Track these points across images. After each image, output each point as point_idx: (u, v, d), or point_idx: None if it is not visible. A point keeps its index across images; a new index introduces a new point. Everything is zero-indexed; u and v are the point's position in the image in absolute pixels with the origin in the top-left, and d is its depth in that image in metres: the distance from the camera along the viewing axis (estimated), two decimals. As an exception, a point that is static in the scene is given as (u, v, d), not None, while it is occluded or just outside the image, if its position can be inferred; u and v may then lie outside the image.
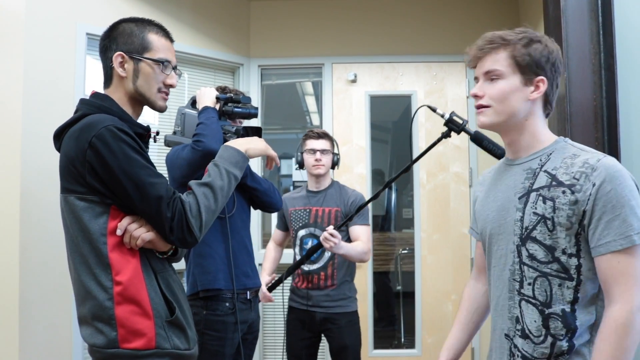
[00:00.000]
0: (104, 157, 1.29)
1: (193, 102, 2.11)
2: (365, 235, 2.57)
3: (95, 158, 1.29)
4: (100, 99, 1.43)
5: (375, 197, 1.98)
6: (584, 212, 1.21)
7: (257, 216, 3.55)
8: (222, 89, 2.28)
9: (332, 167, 2.69)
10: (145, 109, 1.52)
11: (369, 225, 2.65)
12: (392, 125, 4.55)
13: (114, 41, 1.44)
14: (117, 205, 1.34)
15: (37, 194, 2.50)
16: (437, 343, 3.52)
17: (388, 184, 1.92)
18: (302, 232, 2.65)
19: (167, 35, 1.51)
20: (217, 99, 2.07)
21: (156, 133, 1.57)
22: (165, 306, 1.37)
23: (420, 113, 3.49)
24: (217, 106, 2.06)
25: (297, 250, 2.67)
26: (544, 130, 1.35)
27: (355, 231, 2.58)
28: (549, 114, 1.36)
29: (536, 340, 1.27)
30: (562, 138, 1.34)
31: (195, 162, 1.98)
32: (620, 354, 1.15)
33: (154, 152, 3.04)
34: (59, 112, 2.55)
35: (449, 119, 1.67)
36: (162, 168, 1.87)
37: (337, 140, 2.94)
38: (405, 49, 3.64)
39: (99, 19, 2.79)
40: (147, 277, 1.36)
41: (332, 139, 2.70)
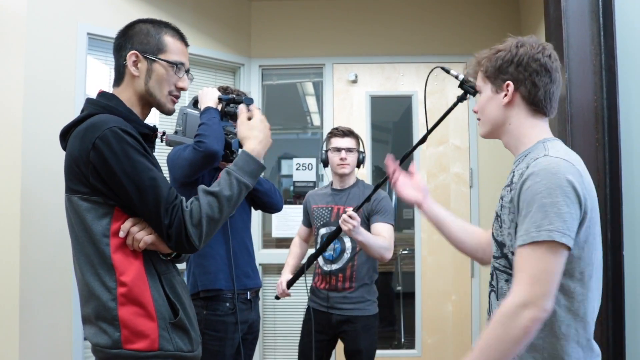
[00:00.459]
0: (106, 159, 1.28)
1: (195, 102, 2.11)
2: (387, 232, 2.44)
3: (98, 159, 1.29)
4: (107, 98, 1.43)
5: (387, 179, 1.79)
6: (517, 209, 1.24)
7: (257, 217, 3.55)
8: (224, 90, 2.28)
9: (358, 165, 2.60)
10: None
11: (392, 225, 2.50)
12: (392, 125, 4.54)
13: (130, 40, 1.44)
14: (120, 207, 1.34)
15: (37, 194, 2.50)
16: (437, 343, 3.53)
17: (404, 159, 1.81)
18: (323, 230, 2.59)
19: (183, 39, 1.50)
20: (219, 100, 2.07)
21: (162, 133, 1.56)
22: (169, 308, 1.37)
23: (420, 114, 3.48)
24: (219, 107, 2.06)
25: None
26: (529, 132, 1.34)
27: (377, 228, 2.46)
28: (548, 113, 1.35)
29: None
30: (545, 139, 1.32)
31: (196, 163, 1.98)
32: (494, 342, 1.17)
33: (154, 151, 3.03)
34: (59, 112, 2.55)
35: (463, 79, 1.66)
36: (162, 168, 1.87)
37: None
38: (406, 50, 3.64)
39: (100, 19, 2.80)
40: (151, 279, 1.36)
41: (357, 137, 2.62)
